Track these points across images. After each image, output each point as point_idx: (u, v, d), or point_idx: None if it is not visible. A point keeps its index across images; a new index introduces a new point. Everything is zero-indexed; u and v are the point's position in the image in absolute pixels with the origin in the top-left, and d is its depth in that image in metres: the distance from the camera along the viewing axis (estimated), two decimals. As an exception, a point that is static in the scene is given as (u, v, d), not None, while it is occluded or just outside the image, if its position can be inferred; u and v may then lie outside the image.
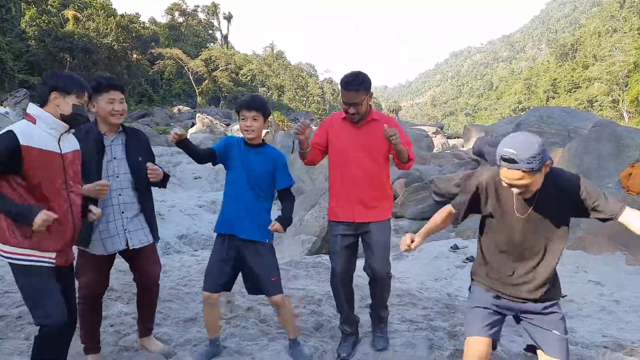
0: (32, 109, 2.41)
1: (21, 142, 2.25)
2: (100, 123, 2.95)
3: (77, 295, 2.79)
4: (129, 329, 3.52)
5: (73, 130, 2.58)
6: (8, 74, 27.19)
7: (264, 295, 3.13)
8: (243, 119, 3.04)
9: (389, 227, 3.31)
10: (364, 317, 3.76)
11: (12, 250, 2.31)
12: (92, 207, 2.66)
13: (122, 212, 2.95)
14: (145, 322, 3.28)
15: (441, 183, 12.28)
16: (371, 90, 3.12)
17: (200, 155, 3.11)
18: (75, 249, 2.75)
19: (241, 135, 3.14)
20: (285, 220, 3.07)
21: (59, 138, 2.44)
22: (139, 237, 3.01)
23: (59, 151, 2.42)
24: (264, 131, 3.14)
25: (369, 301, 4.44)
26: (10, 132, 2.27)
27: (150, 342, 3.26)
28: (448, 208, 2.55)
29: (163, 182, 3.11)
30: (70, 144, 2.54)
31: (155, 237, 3.15)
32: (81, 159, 2.67)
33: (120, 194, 2.94)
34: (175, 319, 3.85)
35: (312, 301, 4.39)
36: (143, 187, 3.03)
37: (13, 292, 4.35)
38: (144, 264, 3.12)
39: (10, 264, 2.34)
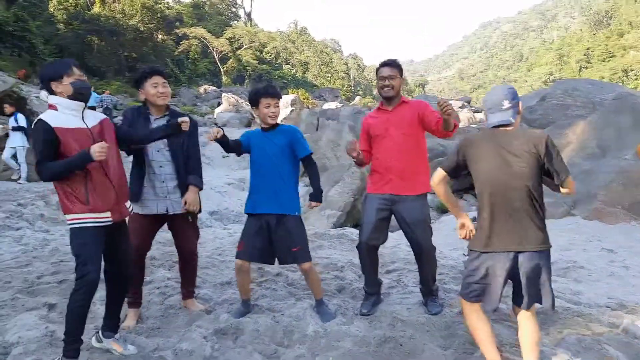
0: (52, 99, 2.71)
1: (52, 125, 2.58)
2: (150, 106, 3.39)
3: None
4: (172, 291, 3.97)
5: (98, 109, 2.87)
6: (39, 57, 27.93)
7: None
8: (267, 106, 3.36)
9: (426, 201, 3.55)
10: (385, 281, 4.09)
11: (75, 217, 2.65)
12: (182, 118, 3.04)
13: (163, 182, 3.35)
14: (188, 286, 3.69)
15: (464, 158, 12.39)
16: (403, 77, 3.55)
17: (231, 147, 3.47)
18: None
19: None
20: (316, 194, 3.40)
21: (82, 116, 2.75)
22: (180, 205, 3.38)
23: (85, 126, 2.73)
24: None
25: (389, 267, 4.80)
26: (39, 120, 2.61)
27: (192, 303, 3.69)
28: None
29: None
30: (95, 117, 2.84)
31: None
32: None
33: (161, 166, 3.35)
34: (213, 282, 4.28)
35: (335, 268, 4.76)
36: (181, 163, 3.37)
37: (67, 260, 4.87)
38: (180, 237, 3.54)
39: (71, 229, 2.68)
